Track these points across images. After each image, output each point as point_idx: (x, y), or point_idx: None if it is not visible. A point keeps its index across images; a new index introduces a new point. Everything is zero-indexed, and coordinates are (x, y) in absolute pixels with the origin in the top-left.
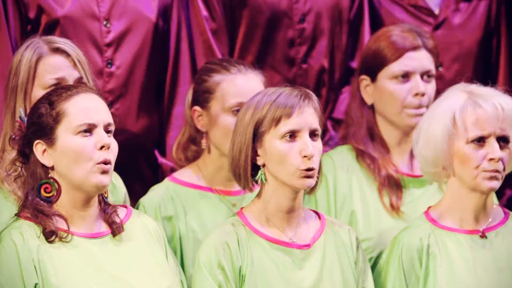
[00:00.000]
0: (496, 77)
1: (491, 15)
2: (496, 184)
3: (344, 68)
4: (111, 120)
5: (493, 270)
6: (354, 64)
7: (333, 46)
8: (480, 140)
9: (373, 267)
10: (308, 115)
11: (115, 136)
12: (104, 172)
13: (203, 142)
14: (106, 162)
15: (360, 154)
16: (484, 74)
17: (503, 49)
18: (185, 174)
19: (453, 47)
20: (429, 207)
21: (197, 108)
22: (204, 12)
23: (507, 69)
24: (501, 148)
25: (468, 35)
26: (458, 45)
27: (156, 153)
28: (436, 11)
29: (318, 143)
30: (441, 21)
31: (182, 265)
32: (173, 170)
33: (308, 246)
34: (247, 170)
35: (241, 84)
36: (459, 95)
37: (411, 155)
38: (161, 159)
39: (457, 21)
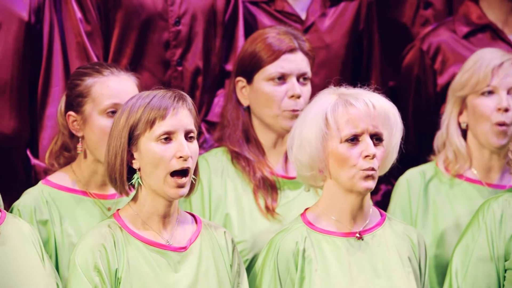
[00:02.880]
0: (366, 79)
1: (360, 16)
2: (372, 184)
3: (218, 71)
4: None
5: (370, 273)
6: (229, 67)
7: (207, 48)
8: (354, 139)
9: (249, 270)
10: (182, 116)
11: None
12: None
13: (79, 147)
14: None
15: (235, 157)
16: (353, 77)
17: (376, 48)
18: (60, 177)
19: (321, 52)
20: (306, 209)
21: (71, 113)
22: (79, 14)
23: (381, 68)
24: (375, 145)
25: (335, 39)
26: (326, 49)
27: (29, 154)
28: (303, 17)
29: (194, 144)
30: (308, 25)
31: (57, 268)
32: (46, 171)
33: (184, 248)
34: (123, 174)
35: (114, 86)
36: (330, 97)
37: (286, 157)
38: (34, 161)
39: (324, 25)
